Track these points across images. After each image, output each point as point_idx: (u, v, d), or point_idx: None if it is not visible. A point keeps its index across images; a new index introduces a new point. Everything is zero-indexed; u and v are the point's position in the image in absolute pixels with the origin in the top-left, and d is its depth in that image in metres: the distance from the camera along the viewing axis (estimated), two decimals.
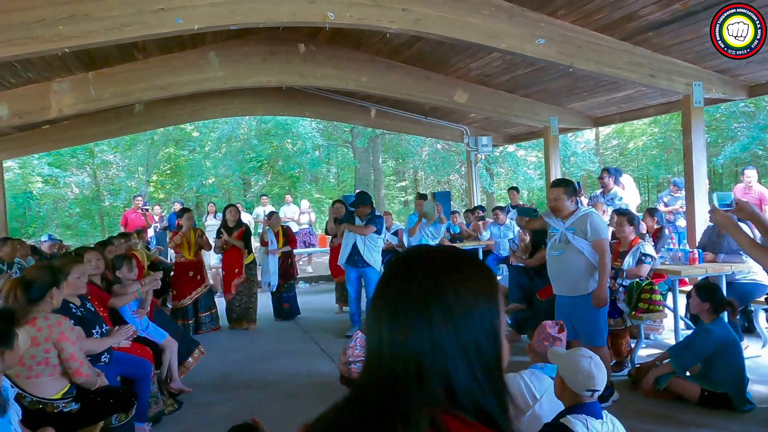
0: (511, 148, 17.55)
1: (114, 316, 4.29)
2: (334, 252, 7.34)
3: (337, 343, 6.23)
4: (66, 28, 4.27)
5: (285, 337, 6.87)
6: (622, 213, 5.40)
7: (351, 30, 6.37)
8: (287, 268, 7.81)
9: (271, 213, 8.24)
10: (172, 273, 8.04)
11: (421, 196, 7.76)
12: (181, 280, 7.11)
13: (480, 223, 9.09)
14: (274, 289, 7.68)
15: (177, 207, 11.16)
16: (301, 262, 11.41)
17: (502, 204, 14.58)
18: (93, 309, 3.81)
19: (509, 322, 5.98)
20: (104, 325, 3.81)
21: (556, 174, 9.37)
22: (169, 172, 21.80)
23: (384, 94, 8.14)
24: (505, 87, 8.17)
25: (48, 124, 8.25)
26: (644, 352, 5.13)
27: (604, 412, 2.32)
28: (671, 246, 5.97)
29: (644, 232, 5.82)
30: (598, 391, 2.30)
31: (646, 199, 20.80)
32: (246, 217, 10.50)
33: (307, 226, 12.37)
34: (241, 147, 19.68)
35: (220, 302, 7.58)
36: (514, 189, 9.96)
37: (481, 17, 5.20)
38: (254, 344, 6.56)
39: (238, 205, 8.00)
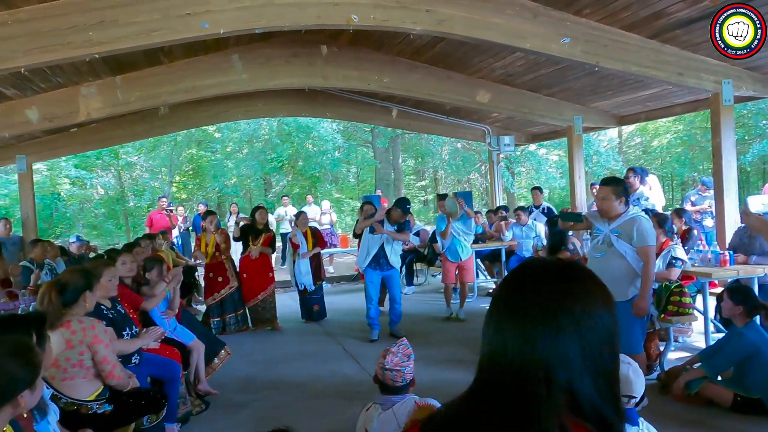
0: (532, 146, 17.38)
1: (143, 318, 4.35)
2: None
3: (359, 345, 6.25)
4: (96, 34, 4.35)
5: (308, 338, 6.88)
6: (650, 214, 5.30)
7: (373, 31, 6.37)
8: (317, 269, 7.78)
9: (299, 213, 8.21)
10: (195, 272, 8.12)
11: (441, 197, 7.69)
12: (206, 282, 7.32)
13: (503, 223, 9.02)
14: (312, 289, 7.61)
15: (201, 208, 11.30)
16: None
17: (523, 204, 14.47)
18: (123, 311, 3.88)
19: None
20: (134, 327, 3.87)
21: (580, 173, 9.26)
22: (191, 172, 22.07)
23: (406, 95, 8.13)
24: (529, 86, 8.09)
25: (76, 127, 8.41)
26: (673, 355, 5.05)
27: (640, 419, 2.29)
28: (700, 247, 5.85)
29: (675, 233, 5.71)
30: (635, 397, 2.27)
31: (671, 197, 20.43)
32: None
33: (328, 227, 12.40)
34: (263, 148, 19.83)
35: None
36: (537, 189, 9.85)
37: (505, 17, 5.17)
38: (278, 346, 6.59)
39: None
